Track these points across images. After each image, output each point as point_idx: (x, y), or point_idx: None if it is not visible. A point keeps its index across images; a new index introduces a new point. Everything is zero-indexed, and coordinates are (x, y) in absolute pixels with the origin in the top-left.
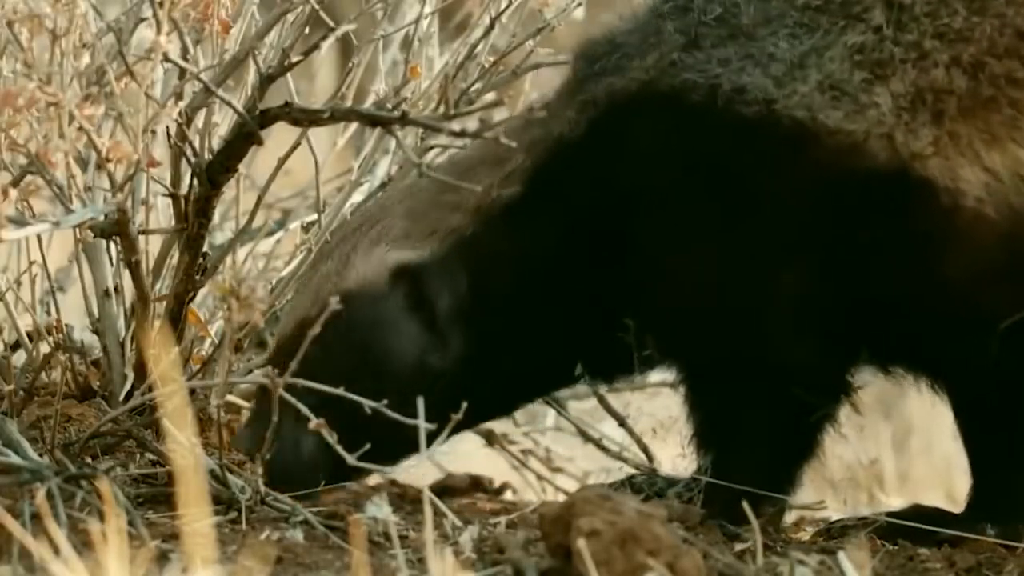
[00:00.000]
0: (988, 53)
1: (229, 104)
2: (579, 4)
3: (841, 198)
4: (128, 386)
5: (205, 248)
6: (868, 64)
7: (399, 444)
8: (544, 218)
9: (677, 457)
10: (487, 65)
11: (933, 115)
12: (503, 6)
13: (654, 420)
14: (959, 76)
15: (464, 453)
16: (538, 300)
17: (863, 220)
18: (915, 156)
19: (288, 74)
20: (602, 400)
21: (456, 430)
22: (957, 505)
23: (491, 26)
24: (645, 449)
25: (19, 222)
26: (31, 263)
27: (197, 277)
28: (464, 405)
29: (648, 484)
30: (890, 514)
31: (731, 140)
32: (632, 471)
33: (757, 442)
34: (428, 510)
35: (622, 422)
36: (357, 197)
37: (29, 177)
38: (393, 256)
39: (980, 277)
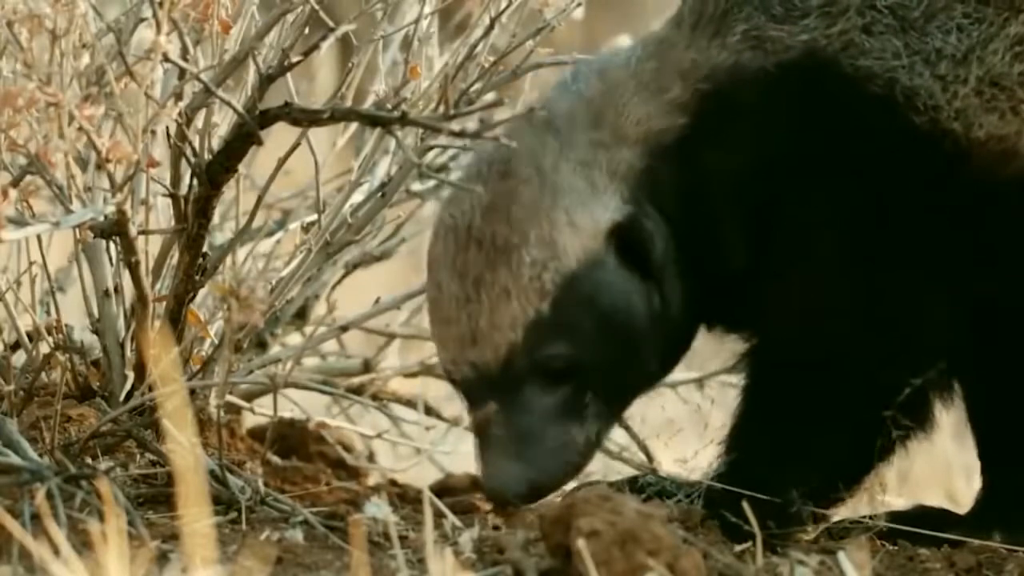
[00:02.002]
0: None
1: (229, 104)
2: (579, 4)
3: (991, 205)
4: (128, 386)
5: (205, 248)
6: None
7: None
8: (724, 147)
9: (678, 460)
10: (487, 65)
11: None
12: (503, 6)
13: (654, 421)
14: None
15: (464, 453)
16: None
17: (1010, 225)
18: None
19: (288, 74)
20: None
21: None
22: (957, 505)
23: (491, 26)
24: (646, 450)
25: (19, 222)
26: (31, 263)
27: (197, 277)
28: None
29: (649, 485)
30: (893, 514)
31: (898, 143)
32: (633, 472)
33: (823, 451)
34: (428, 510)
35: (623, 423)
36: (357, 197)
37: (29, 177)
38: (601, 218)
39: None
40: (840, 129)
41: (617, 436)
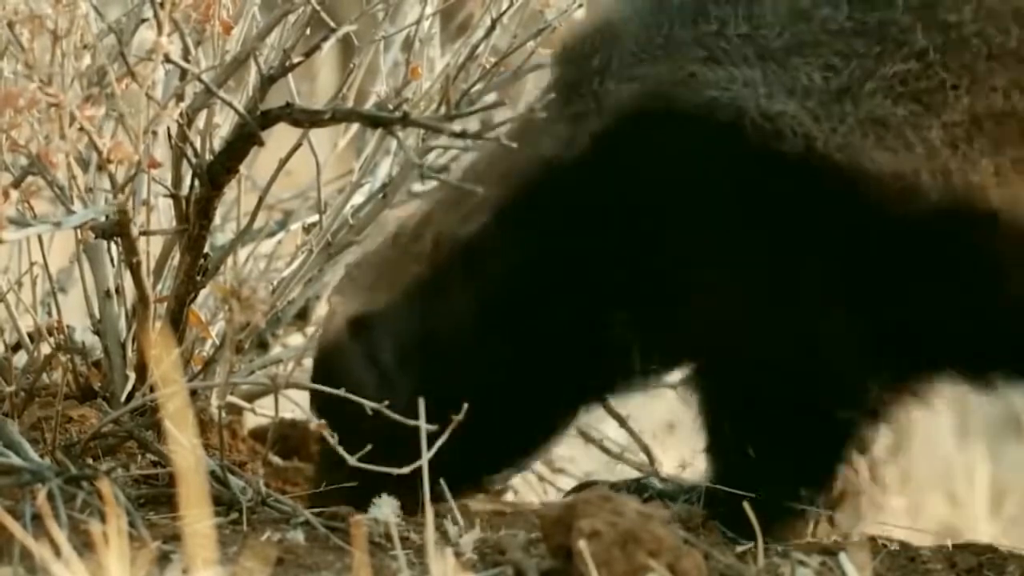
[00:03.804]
0: None
1: (230, 105)
2: (580, 5)
3: (887, 240)
4: (129, 387)
5: (206, 249)
6: (918, 88)
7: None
8: (517, 249)
9: (679, 461)
10: (488, 66)
11: (996, 141)
12: (504, 7)
13: (655, 422)
14: (1020, 98)
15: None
16: (502, 337)
17: (910, 256)
18: (974, 188)
19: (289, 75)
20: (607, 406)
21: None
22: (957, 505)
23: (492, 27)
24: (647, 450)
25: (20, 223)
26: (32, 264)
27: (198, 278)
28: (465, 406)
29: (651, 487)
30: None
31: (759, 171)
32: (634, 472)
33: (782, 450)
34: (429, 511)
35: (623, 423)
36: (358, 198)
37: (30, 178)
38: (346, 310)
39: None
40: (691, 164)
41: (618, 437)
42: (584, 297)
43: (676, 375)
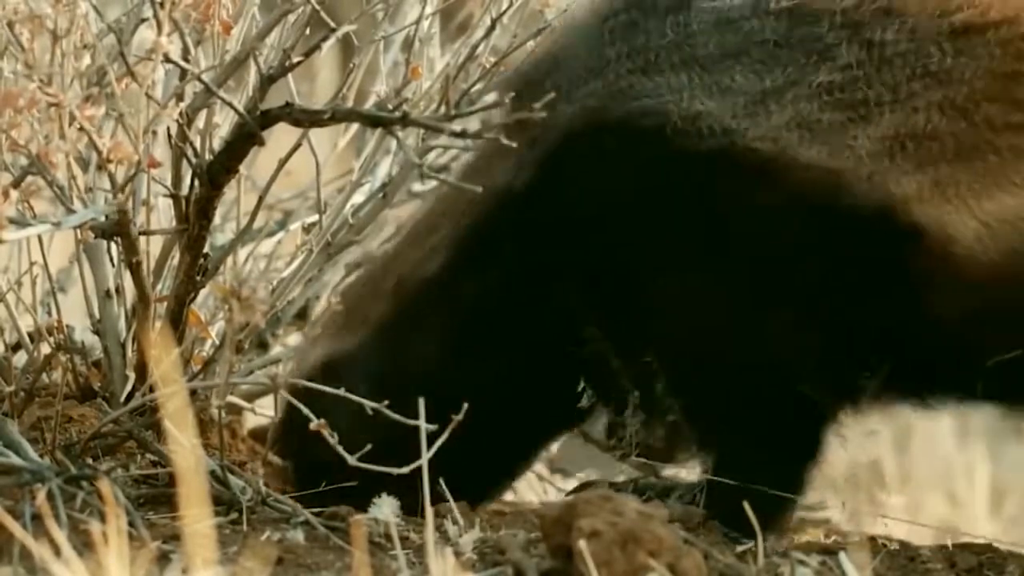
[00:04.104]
0: (971, 98)
1: (230, 105)
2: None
3: (816, 234)
4: (129, 387)
5: (206, 249)
6: (848, 96)
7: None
8: (480, 281)
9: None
10: (488, 66)
11: (917, 162)
12: (504, 7)
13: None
14: (947, 120)
15: None
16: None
17: (838, 255)
18: (901, 200)
19: (289, 75)
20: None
21: None
22: (958, 505)
23: (492, 27)
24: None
25: (20, 223)
26: (32, 264)
27: (198, 278)
28: (465, 406)
29: (650, 487)
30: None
31: (686, 172)
32: (634, 473)
33: (759, 442)
34: (429, 511)
35: (624, 423)
36: (358, 198)
37: (30, 178)
38: (318, 352)
39: (970, 318)
40: (628, 173)
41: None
42: (552, 319)
43: None
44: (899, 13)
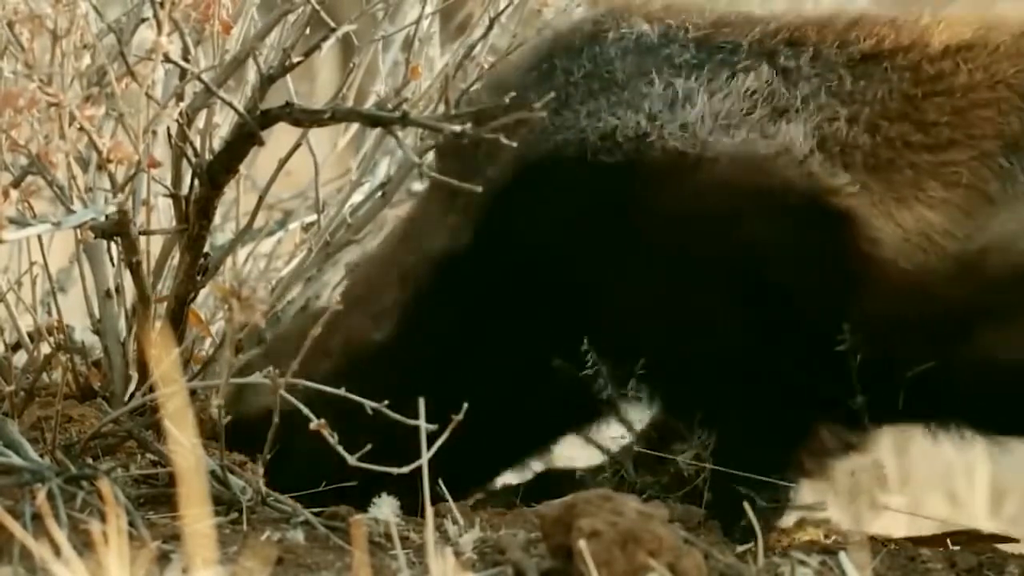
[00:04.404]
0: (881, 116)
1: (230, 105)
2: (579, 5)
3: (748, 223)
4: (129, 387)
5: (206, 249)
6: (767, 103)
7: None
8: (434, 345)
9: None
10: (487, 66)
11: (844, 164)
12: (502, 6)
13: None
14: (860, 134)
15: None
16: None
17: (771, 244)
18: (833, 189)
19: (289, 74)
20: (615, 408)
21: None
22: (958, 505)
23: (490, 26)
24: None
25: (20, 223)
26: (32, 264)
27: (198, 278)
28: (465, 406)
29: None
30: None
31: (606, 187)
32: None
33: (747, 432)
34: (429, 511)
35: (630, 428)
36: (357, 197)
37: (30, 178)
38: (262, 400)
39: (888, 325)
40: (568, 205)
41: (620, 436)
42: (514, 363)
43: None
44: (802, 43)
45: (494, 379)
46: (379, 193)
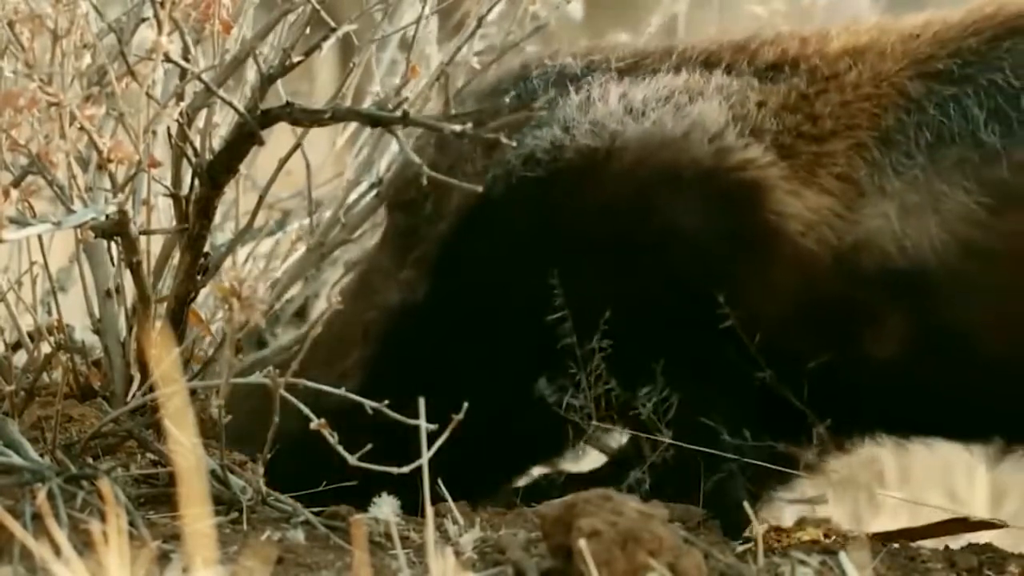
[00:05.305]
0: (783, 108)
1: (230, 104)
2: (569, 1)
3: (666, 204)
4: (129, 386)
5: (206, 248)
6: (679, 91)
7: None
8: (402, 394)
9: None
10: (479, 66)
11: (756, 140)
12: (490, 6)
13: None
14: (767, 119)
15: None
16: None
17: (689, 221)
18: (744, 163)
19: (288, 74)
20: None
21: None
22: (959, 504)
23: (477, 25)
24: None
25: (20, 222)
26: (32, 263)
27: (198, 277)
28: (466, 405)
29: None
30: None
31: (532, 204)
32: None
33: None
34: (429, 510)
35: (633, 430)
36: (354, 196)
37: (30, 177)
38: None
39: (788, 307)
40: (511, 234)
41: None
42: (482, 402)
43: None
44: (717, 62)
45: (464, 421)
46: (374, 192)
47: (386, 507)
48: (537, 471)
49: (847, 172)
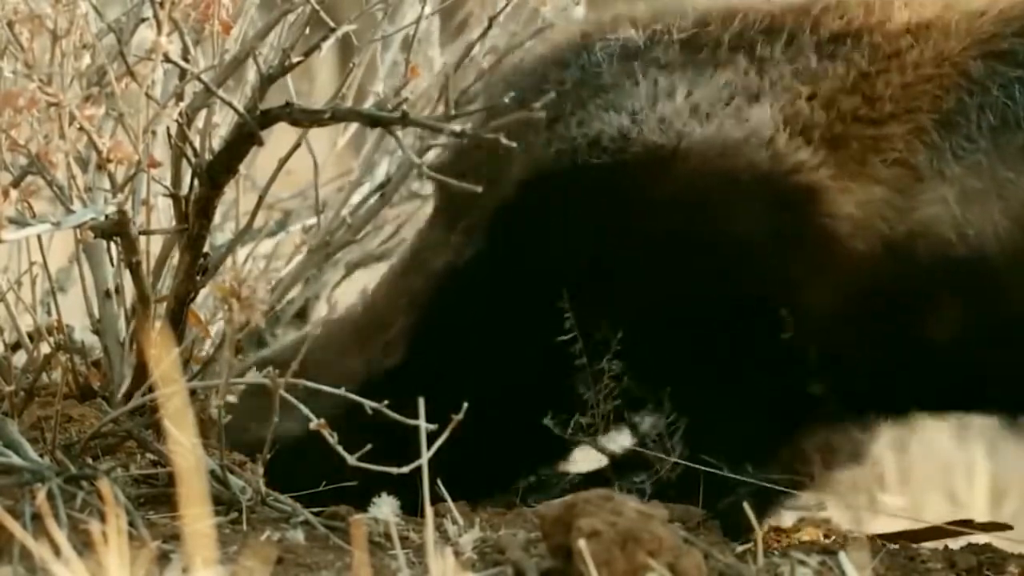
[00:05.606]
0: (839, 91)
1: (230, 105)
2: (577, 3)
3: (721, 203)
4: (129, 387)
5: (206, 249)
6: (738, 92)
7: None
8: (447, 362)
9: None
10: (486, 66)
11: (805, 141)
12: (501, 6)
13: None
14: (817, 111)
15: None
16: None
17: (745, 226)
18: (800, 165)
19: (288, 74)
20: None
21: None
22: (958, 504)
23: (488, 26)
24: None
25: (20, 223)
26: (32, 264)
27: (198, 278)
28: (465, 406)
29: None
30: None
31: (594, 191)
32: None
33: (725, 419)
34: (429, 511)
35: (635, 430)
36: (356, 198)
37: (30, 178)
38: (252, 432)
39: (844, 306)
40: (569, 219)
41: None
42: (532, 374)
43: None
44: (779, 30)
45: (504, 391)
46: (379, 193)
47: (385, 507)
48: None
49: (904, 157)
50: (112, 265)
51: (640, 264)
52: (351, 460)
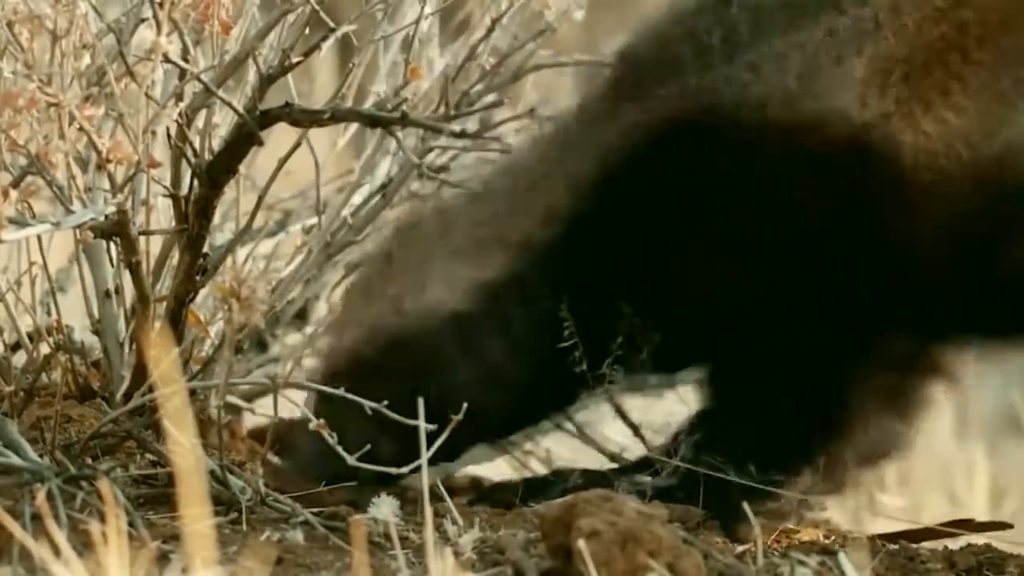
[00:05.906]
0: (926, 18)
1: (229, 105)
2: (580, 6)
3: (823, 167)
4: (129, 387)
5: (206, 249)
6: (840, 43)
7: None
8: (593, 246)
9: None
10: (487, 67)
11: (886, 83)
12: (504, 7)
13: (654, 421)
14: (902, 44)
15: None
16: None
17: (842, 181)
18: (884, 116)
19: (288, 75)
20: (619, 409)
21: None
22: (958, 505)
23: (492, 28)
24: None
25: (19, 223)
26: (31, 264)
27: (198, 278)
28: (464, 407)
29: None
30: None
31: (730, 152)
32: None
33: (782, 424)
34: (428, 511)
35: (636, 431)
36: (357, 198)
37: (29, 178)
38: (467, 273)
39: (916, 239)
40: (702, 170)
41: (617, 436)
42: (603, 290)
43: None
44: None
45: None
46: (380, 194)
47: (385, 507)
48: (543, 470)
49: (991, 81)
50: (112, 265)
51: (750, 204)
52: (351, 460)
